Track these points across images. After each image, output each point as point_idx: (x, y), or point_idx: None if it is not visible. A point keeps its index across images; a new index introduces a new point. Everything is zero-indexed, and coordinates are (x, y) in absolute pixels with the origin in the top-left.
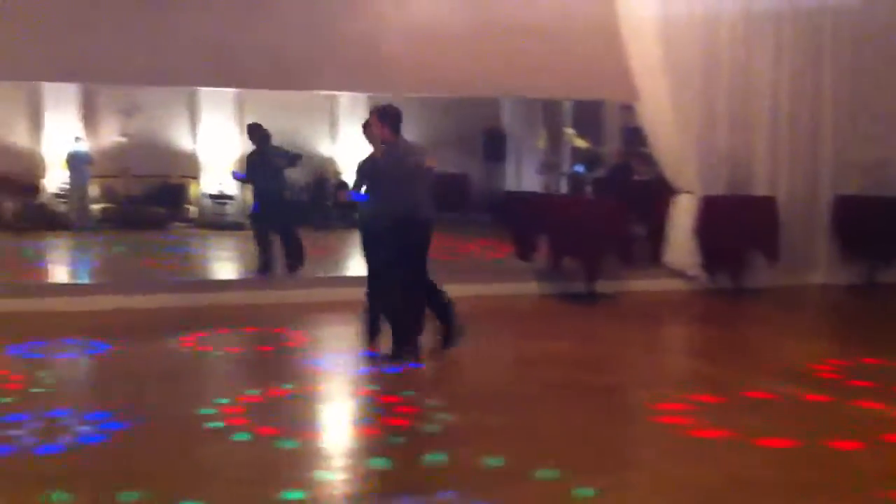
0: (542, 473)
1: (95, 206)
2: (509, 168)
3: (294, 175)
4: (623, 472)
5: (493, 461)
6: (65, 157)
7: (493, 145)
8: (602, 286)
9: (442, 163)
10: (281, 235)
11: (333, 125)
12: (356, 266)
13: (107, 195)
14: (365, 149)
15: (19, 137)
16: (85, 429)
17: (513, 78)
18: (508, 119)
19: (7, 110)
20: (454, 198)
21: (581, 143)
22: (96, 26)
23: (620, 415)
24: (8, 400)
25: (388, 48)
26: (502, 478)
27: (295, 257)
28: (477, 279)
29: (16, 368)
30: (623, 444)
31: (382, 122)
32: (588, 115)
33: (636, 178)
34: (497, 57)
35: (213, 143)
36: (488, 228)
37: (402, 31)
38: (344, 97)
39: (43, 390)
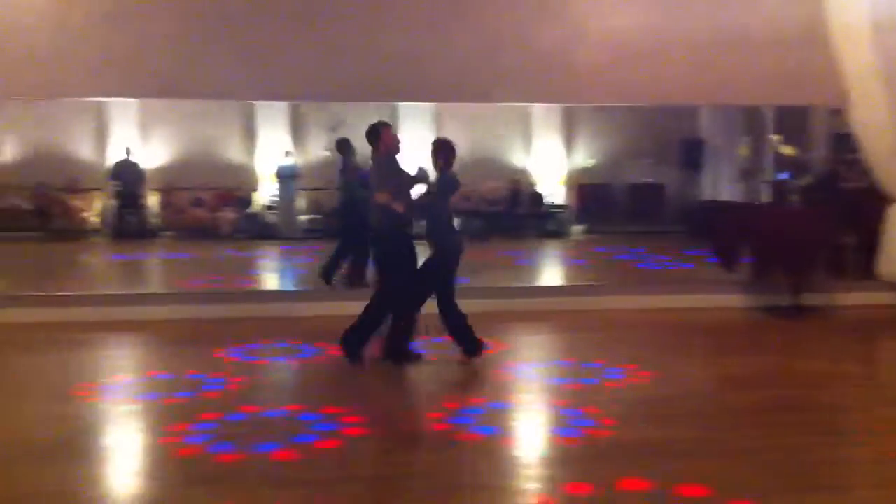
0: (745, 494)
1: (303, 218)
2: (708, 177)
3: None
4: (833, 498)
5: (696, 477)
6: (275, 171)
7: (691, 154)
8: (810, 299)
9: (638, 173)
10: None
11: (527, 136)
12: (551, 276)
13: (313, 207)
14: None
15: (235, 153)
16: (301, 429)
17: (712, 85)
18: (707, 127)
19: (225, 128)
20: (649, 208)
21: (787, 150)
22: (302, 47)
23: (832, 436)
24: (230, 400)
25: (583, 58)
26: (704, 495)
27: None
28: (676, 291)
29: (235, 371)
30: (835, 468)
31: None
32: (793, 122)
33: (844, 185)
34: (695, 64)
35: (413, 155)
36: (686, 239)
37: (597, 41)
38: (537, 108)
39: (261, 391)
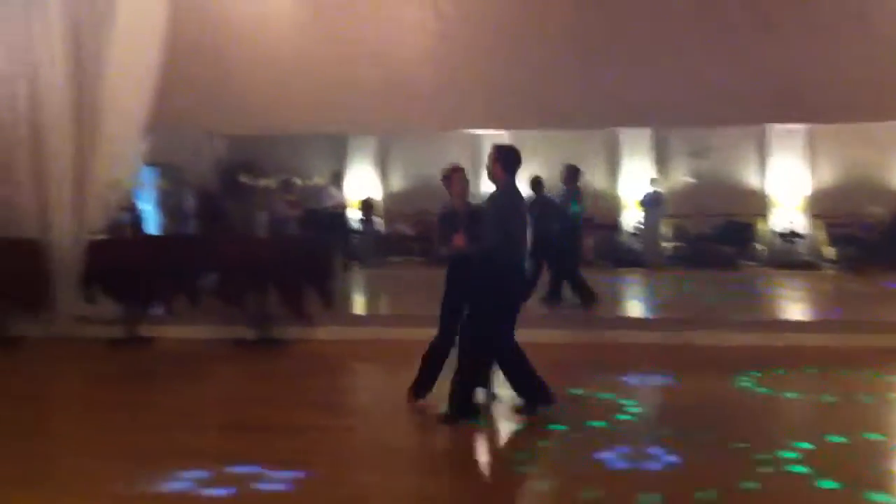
0: None
1: (667, 245)
2: None
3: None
4: None
5: None
6: (639, 197)
7: None
8: None
9: None
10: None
11: None
12: None
13: (678, 234)
14: None
15: (598, 181)
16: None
17: None
18: None
19: (588, 156)
20: None
21: None
22: (666, 73)
23: None
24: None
25: None
26: None
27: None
28: None
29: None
30: None
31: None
32: None
33: None
34: None
35: (783, 180)
36: None
37: None
38: None
39: (627, 418)
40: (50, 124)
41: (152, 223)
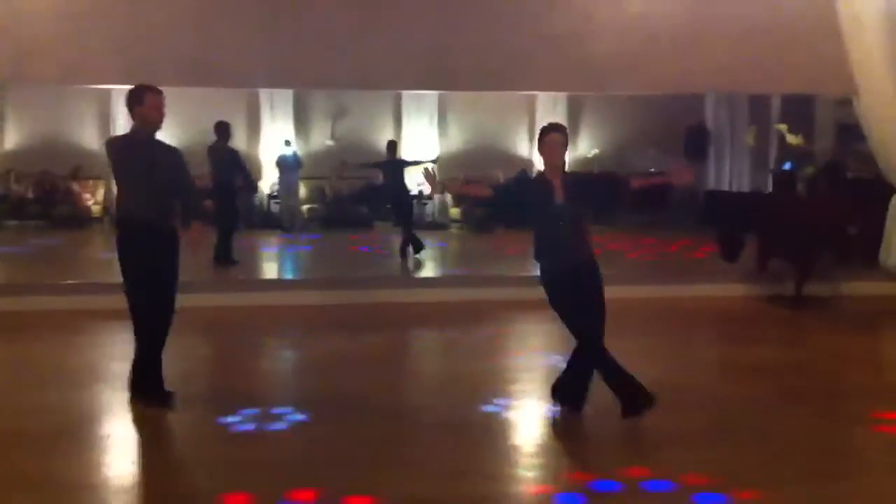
0: (752, 482)
1: (304, 207)
2: (713, 166)
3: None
4: (834, 484)
5: (703, 467)
6: (275, 160)
7: (696, 143)
8: (813, 289)
9: (645, 162)
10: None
11: (531, 125)
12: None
13: (315, 196)
14: None
15: (239, 142)
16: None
17: (721, 74)
18: (712, 116)
19: (229, 117)
20: (655, 197)
21: (794, 140)
22: (307, 33)
23: (831, 425)
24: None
25: (594, 47)
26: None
27: None
28: (679, 280)
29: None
30: (834, 454)
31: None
32: (799, 111)
33: (849, 175)
34: (705, 53)
35: (414, 144)
36: (691, 229)
37: (610, 30)
38: (543, 96)
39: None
40: None
41: None
